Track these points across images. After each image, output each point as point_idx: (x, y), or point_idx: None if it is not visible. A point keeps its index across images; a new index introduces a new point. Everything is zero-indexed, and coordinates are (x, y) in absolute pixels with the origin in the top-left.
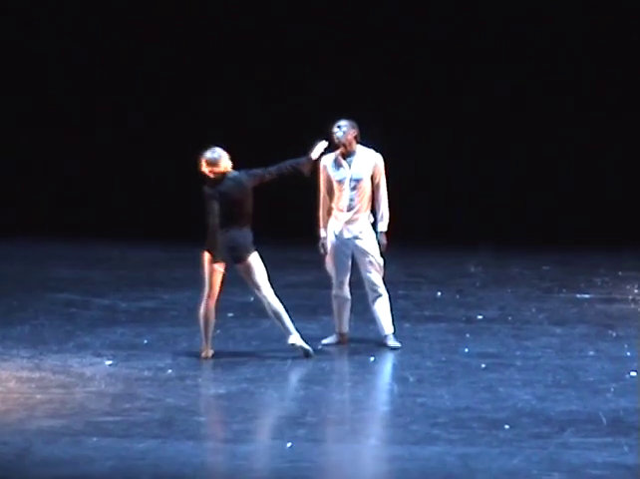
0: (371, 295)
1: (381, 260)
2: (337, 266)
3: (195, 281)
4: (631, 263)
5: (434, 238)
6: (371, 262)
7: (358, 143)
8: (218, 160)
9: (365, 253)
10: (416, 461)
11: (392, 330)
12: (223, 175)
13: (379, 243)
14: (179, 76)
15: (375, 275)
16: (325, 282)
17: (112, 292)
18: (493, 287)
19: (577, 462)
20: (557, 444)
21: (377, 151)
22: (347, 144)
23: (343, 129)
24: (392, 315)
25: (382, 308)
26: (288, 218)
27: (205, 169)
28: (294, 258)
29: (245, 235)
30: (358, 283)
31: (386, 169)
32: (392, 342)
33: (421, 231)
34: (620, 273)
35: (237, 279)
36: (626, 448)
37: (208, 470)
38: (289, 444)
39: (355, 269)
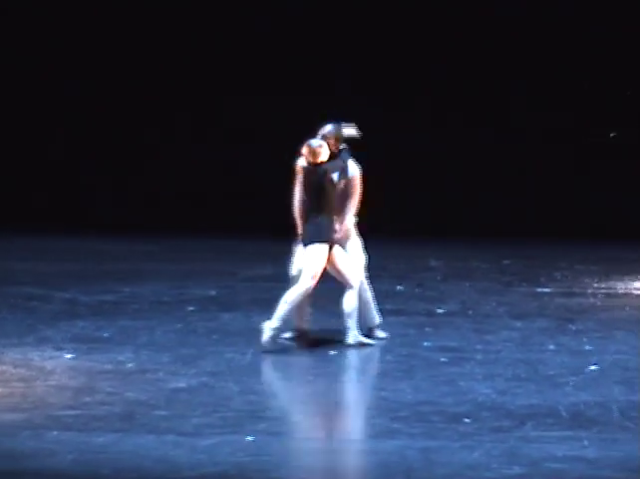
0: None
1: (363, 259)
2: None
3: (157, 275)
4: (591, 258)
5: (395, 231)
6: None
7: (339, 150)
8: (318, 149)
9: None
10: (377, 455)
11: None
12: (318, 165)
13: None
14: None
15: (354, 272)
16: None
17: (72, 286)
18: (454, 281)
19: (537, 456)
20: (517, 438)
21: (357, 161)
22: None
23: (316, 142)
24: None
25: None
26: (256, 211)
27: (306, 155)
28: (261, 251)
29: (318, 223)
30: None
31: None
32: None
33: (382, 224)
34: (580, 267)
35: (197, 273)
36: (586, 442)
37: (169, 464)
38: (250, 438)
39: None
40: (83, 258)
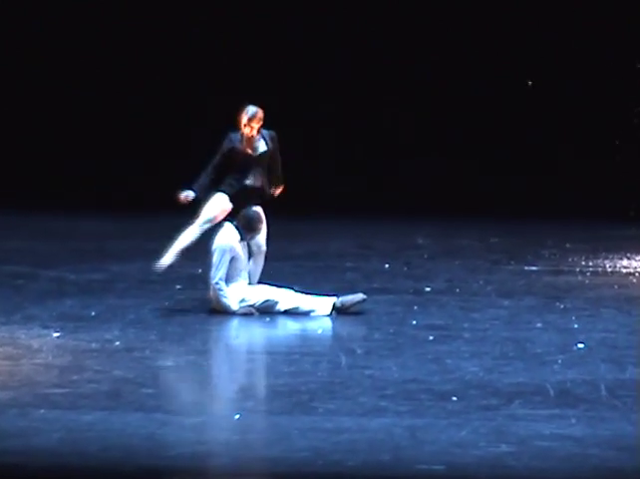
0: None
1: None
2: None
3: (145, 253)
4: (578, 235)
5: (382, 209)
6: None
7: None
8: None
9: None
10: (364, 433)
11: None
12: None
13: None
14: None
15: None
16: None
17: (60, 264)
18: (441, 259)
19: (525, 434)
20: (505, 416)
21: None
22: None
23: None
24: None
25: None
26: None
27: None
28: None
29: None
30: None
31: None
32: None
33: (369, 202)
34: (568, 245)
35: (184, 252)
36: (573, 420)
37: (156, 442)
38: (237, 416)
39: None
40: (70, 237)
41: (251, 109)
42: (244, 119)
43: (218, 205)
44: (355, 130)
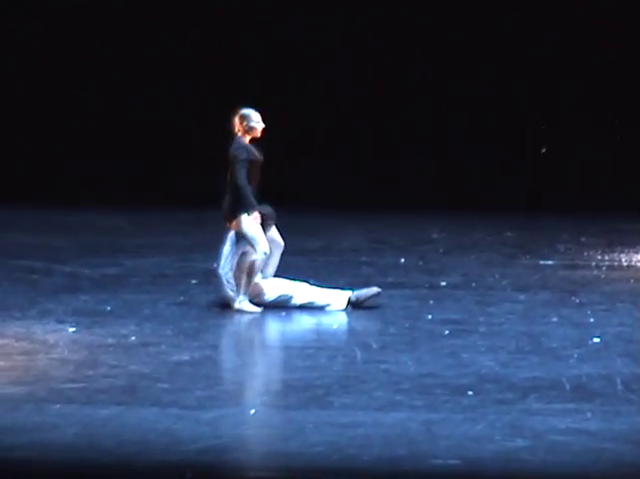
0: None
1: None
2: None
3: (159, 247)
4: (594, 230)
5: (396, 203)
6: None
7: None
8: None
9: None
10: (379, 427)
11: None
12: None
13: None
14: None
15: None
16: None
17: (73, 259)
18: (457, 254)
19: (540, 428)
20: (520, 410)
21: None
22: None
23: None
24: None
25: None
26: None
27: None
28: None
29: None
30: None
31: None
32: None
33: (383, 197)
34: (583, 240)
35: (199, 246)
36: (589, 414)
37: (171, 437)
38: (253, 411)
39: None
40: (83, 232)
41: (253, 110)
42: (257, 118)
43: (254, 224)
44: (355, 130)
